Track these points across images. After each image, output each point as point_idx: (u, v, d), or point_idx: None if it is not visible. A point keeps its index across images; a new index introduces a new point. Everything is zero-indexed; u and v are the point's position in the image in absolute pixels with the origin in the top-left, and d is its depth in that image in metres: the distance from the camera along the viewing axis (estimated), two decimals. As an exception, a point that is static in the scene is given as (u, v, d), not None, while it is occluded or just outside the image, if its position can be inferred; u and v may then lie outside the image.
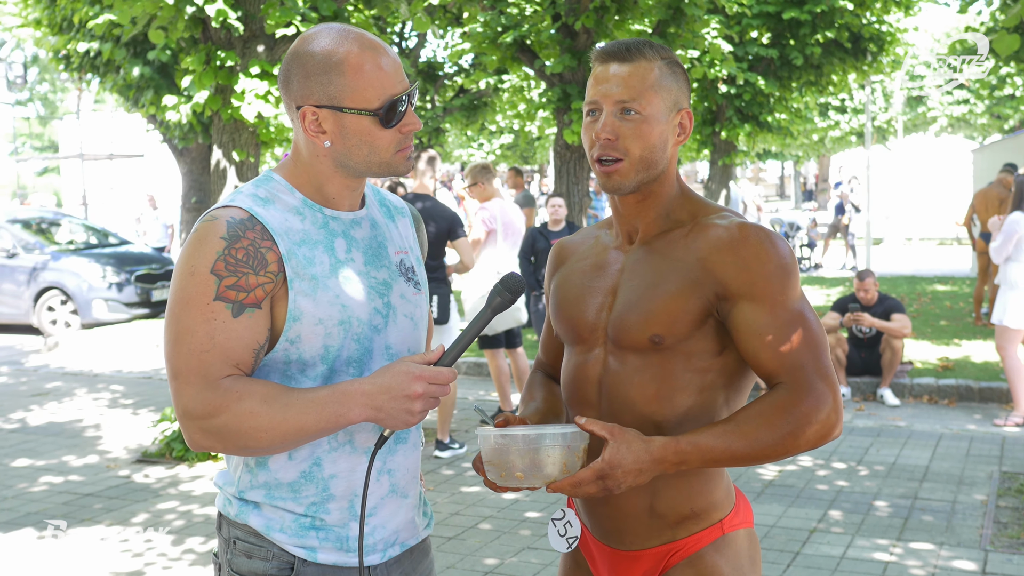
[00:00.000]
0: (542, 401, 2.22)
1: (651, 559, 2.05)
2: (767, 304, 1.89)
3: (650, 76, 1.96)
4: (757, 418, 1.85)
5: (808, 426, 1.85)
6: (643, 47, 1.98)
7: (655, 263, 2.00)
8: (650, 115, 1.95)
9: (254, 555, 1.88)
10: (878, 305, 8.72)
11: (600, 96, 1.97)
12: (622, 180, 1.97)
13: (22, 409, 8.77)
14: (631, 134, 1.95)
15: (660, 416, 1.97)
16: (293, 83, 1.87)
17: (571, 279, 2.14)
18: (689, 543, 2.03)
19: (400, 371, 1.79)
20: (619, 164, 1.96)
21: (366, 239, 1.97)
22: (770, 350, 1.89)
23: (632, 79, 1.95)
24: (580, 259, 2.17)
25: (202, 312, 1.77)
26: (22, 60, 32.49)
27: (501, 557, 4.98)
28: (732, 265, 1.91)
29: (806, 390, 1.85)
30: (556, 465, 1.84)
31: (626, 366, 2.00)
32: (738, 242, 1.92)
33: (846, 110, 33.59)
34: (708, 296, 1.93)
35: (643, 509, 2.02)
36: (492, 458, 1.87)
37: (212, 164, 7.39)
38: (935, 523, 5.35)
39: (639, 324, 1.97)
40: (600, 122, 1.97)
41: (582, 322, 2.08)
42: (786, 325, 1.89)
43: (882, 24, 15.22)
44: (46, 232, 14.93)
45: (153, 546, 5.26)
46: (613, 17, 10.86)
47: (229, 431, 1.76)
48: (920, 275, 17.78)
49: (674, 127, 2.01)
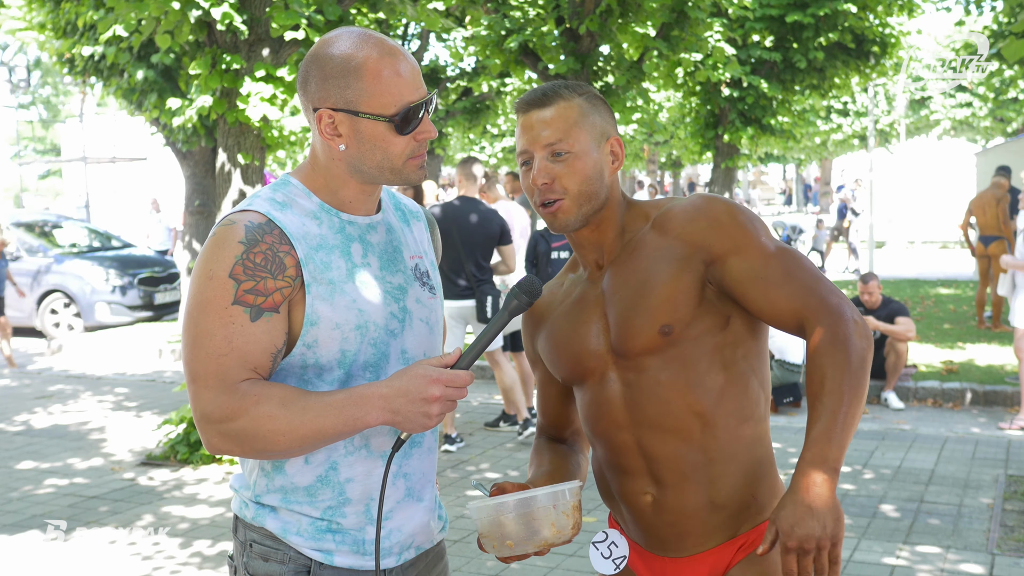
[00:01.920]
0: (549, 463, 2.18)
1: (713, 559, 2.04)
2: (753, 251, 1.97)
3: (571, 114, 2.02)
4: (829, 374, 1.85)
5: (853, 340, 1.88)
6: (559, 88, 2.04)
7: (633, 267, 2.05)
8: (580, 151, 2.01)
9: (270, 558, 1.89)
10: (882, 308, 8.72)
11: (529, 144, 2.03)
12: (566, 217, 2.03)
13: (26, 412, 8.77)
14: (565, 173, 2.00)
15: (698, 404, 1.99)
16: (311, 85, 1.88)
17: (556, 324, 2.16)
18: (752, 537, 2.02)
19: (417, 374, 1.79)
20: (560, 203, 2.02)
21: (382, 244, 1.97)
22: (777, 290, 1.96)
23: (556, 121, 2.01)
24: (557, 304, 2.19)
25: (220, 316, 1.77)
26: (25, 63, 32.53)
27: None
28: (707, 228, 1.99)
29: (826, 312, 1.91)
30: (546, 526, 1.86)
31: (647, 372, 2.01)
32: (704, 209, 2.02)
33: (848, 113, 33.58)
34: (697, 267, 1.99)
35: (703, 504, 2.01)
36: (483, 528, 1.89)
37: (217, 167, 7.39)
38: (941, 527, 5.34)
39: (645, 322, 1.98)
40: (535, 168, 2.02)
41: (584, 354, 2.08)
42: (778, 261, 1.97)
43: (885, 27, 15.22)
44: (49, 235, 14.95)
45: (161, 549, 5.26)
46: (617, 20, 10.87)
47: (247, 435, 1.76)
48: (923, 278, 17.77)
49: (606, 156, 2.06)
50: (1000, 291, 8.84)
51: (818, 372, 1.87)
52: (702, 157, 17.44)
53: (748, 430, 2.03)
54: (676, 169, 41.36)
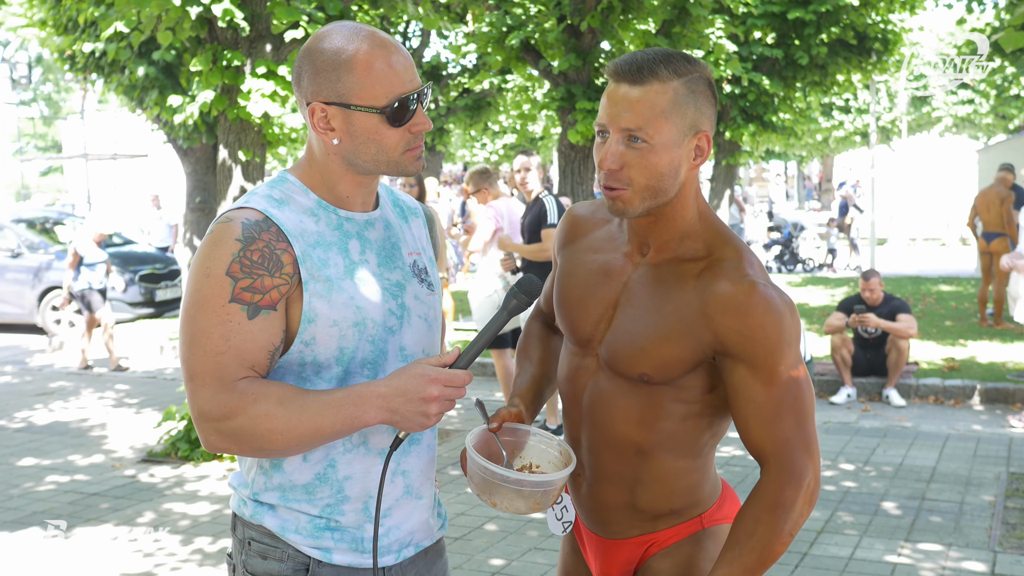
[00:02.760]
0: (537, 363, 2.23)
1: (631, 548, 2.10)
2: (764, 375, 1.88)
3: (662, 101, 1.85)
4: (755, 531, 1.89)
5: (795, 507, 1.90)
6: (658, 66, 1.85)
7: (659, 294, 1.95)
8: (659, 144, 1.86)
9: (269, 556, 1.88)
10: (883, 305, 8.70)
11: (608, 120, 1.89)
12: (626, 207, 1.91)
13: (27, 408, 8.77)
14: (636, 163, 1.86)
15: (640, 439, 2.00)
16: (304, 80, 1.87)
17: (576, 272, 2.10)
18: (667, 535, 2.07)
19: (416, 373, 1.78)
20: (622, 192, 1.89)
21: (380, 240, 1.96)
22: (760, 423, 1.90)
23: (641, 105, 1.84)
24: (589, 249, 2.10)
25: (217, 314, 1.76)
26: (26, 60, 32.53)
27: (508, 558, 4.98)
28: (736, 332, 1.86)
29: (787, 470, 1.89)
30: (529, 503, 1.92)
31: (614, 387, 2.01)
32: (745, 309, 1.86)
33: (850, 110, 33.55)
34: (705, 350, 1.91)
35: (623, 504, 2.06)
36: (474, 476, 1.94)
37: (218, 164, 7.39)
38: (943, 524, 5.34)
39: (629, 359, 1.96)
40: (606, 148, 1.89)
41: (580, 329, 2.07)
42: (779, 398, 1.89)
43: (887, 23, 15.20)
44: (50, 232, 14.94)
45: (162, 546, 5.26)
46: (618, 17, 10.86)
47: (245, 433, 1.76)
48: (925, 275, 17.76)
49: (689, 152, 1.90)
50: (1011, 289, 8.82)
51: (751, 523, 1.89)
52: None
53: (684, 464, 2.03)
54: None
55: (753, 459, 2.04)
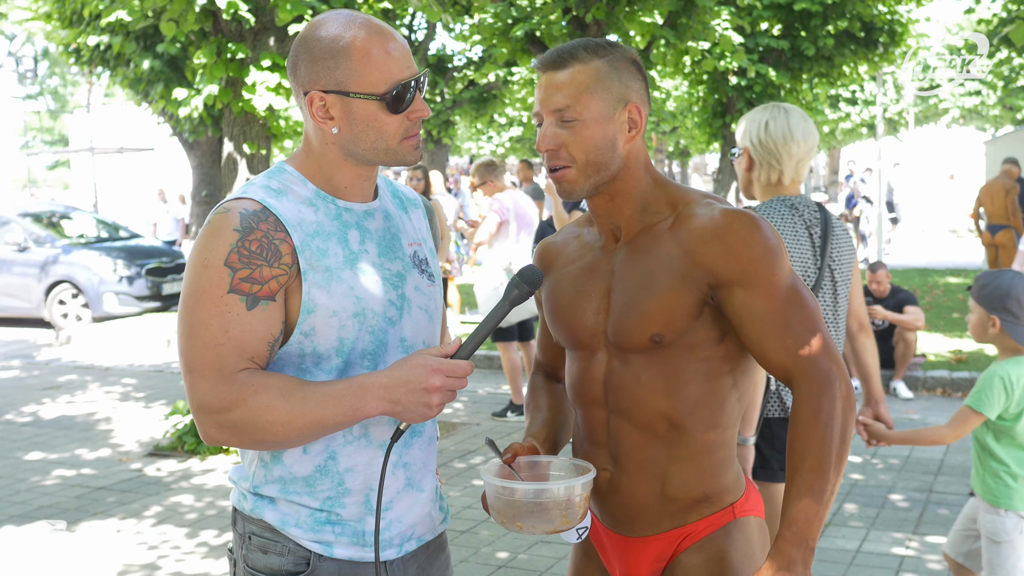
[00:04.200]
0: (547, 409, 2.20)
1: (661, 544, 2.06)
2: (761, 288, 1.90)
3: (586, 79, 1.95)
4: (807, 451, 1.85)
5: (837, 415, 1.86)
6: (577, 50, 1.97)
7: (643, 261, 1.99)
8: (589, 118, 1.94)
9: (270, 550, 1.86)
10: (891, 297, 8.67)
11: (540, 107, 1.99)
12: (572, 186, 1.98)
13: (34, 403, 8.78)
14: (572, 141, 1.95)
15: (670, 410, 1.98)
16: (300, 69, 1.85)
17: (562, 285, 2.13)
18: (700, 527, 2.04)
19: (418, 364, 1.77)
20: (567, 171, 1.97)
21: (379, 230, 1.94)
22: (774, 339, 1.90)
23: (567, 86, 1.95)
24: (567, 262, 2.15)
25: (216, 305, 1.75)
26: (32, 54, 32.57)
27: (514, 551, 4.97)
28: (720, 254, 1.90)
29: (815, 379, 1.87)
30: (556, 517, 1.87)
31: (631, 366, 2.00)
32: (723, 230, 1.91)
33: (857, 102, 33.43)
34: (700, 287, 1.93)
35: (655, 494, 2.03)
36: (494, 504, 1.89)
37: (223, 157, 7.38)
38: (951, 516, 5.31)
39: (638, 326, 1.96)
40: (542, 131, 1.98)
41: (581, 328, 2.07)
42: (783, 306, 1.90)
43: (893, 15, 15.13)
44: (57, 226, 14.96)
45: (167, 539, 5.26)
46: (624, 9, 10.83)
47: (245, 425, 1.74)
48: (932, 267, 17.71)
49: (622, 124, 1.98)
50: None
51: (800, 444, 1.86)
52: (709, 146, 17.38)
53: (714, 436, 2.02)
54: (684, 158, 41.26)
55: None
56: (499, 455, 1.98)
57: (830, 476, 1.84)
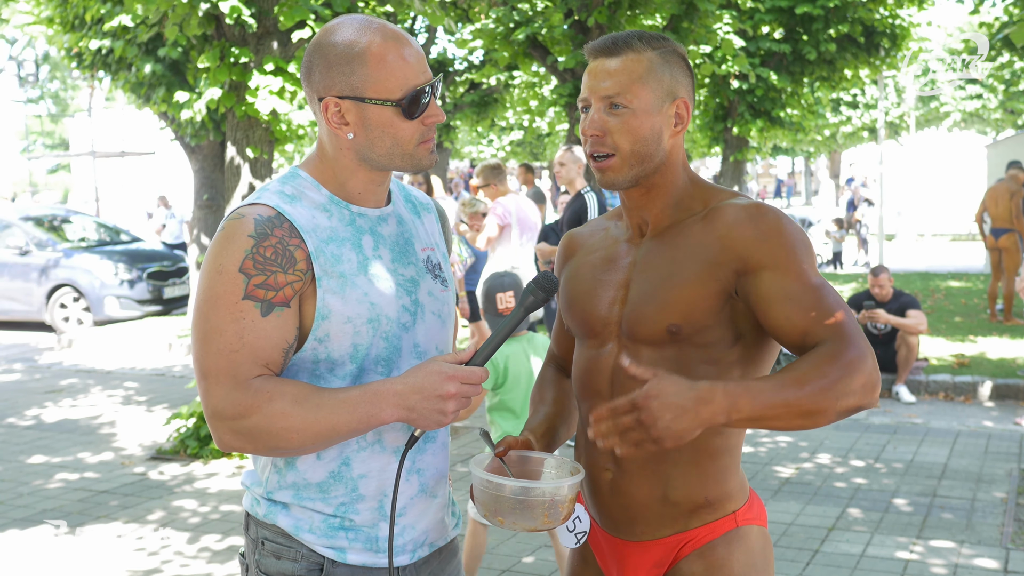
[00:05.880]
0: (551, 403, 2.19)
1: (662, 549, 2.03)
2: (792, 272, 1.85)
3: (638, 68, 1.94)
4: (807, 366, 1.77)
5: (858, 374, 1.76)
6: (632, 39, 1.96)
7: (669, 254, 1.97)
8: (638, 108, 1.93)
9: (283, 556, 1.86)
10: (893, 301, 8.67)
11: (589, 92, 1.97)
12: (615, 175, 1.97)
13: (37, 406, 8.78)
14: (619, 129, 1.94)
15: None
16: (315, 74, 1.85)
17: (581, 273, 2.12)
18: (701, 533, 2.01)
19: (432, 371, 1.76)
20: (611, 160, 1.95)
21: (393, 236, 1.94)
22: (803, 312, 1.82)
23: (619, 73, 1.94)
24: (590, 252, 2.14)
25: (230, 311, 1.74)
26: (34, 58, 32.58)
27: (519, 555, 4.96)
28: (752, 239, 1.88)
29: (848, 342, 1.78)
30: (539, 516, 1.85)
31: (640, 360, 1.97)
32: (756, 217, 1.90)
33: (858, 105, 33.45)
34: (727, 275, 1.90)
35: (656, 498, 2.00)
36: (480, 496, 1.88)
37: (226, 161, 7.38)
38: (955, 521, 5.31)
39: (656, 315, 1.94)
40: (588, 117, 1.97)
41: (594, 316, 2.05)
42: (814, 289, 1.84)
43: (895, 18, 15.14)
44: (58, 229, 14.96)
45: (169, 544, 5.26)
46: (625, 12, 10.84)
47: (260, 432, 1.74)
48: (934, 271, 17.71)
49: (669, 118, 1.97)
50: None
51: (804, 363, 1.77)
52: (711, 150, 17.39)
53: (719, 441, 2.00)
54: (685, 162, 41.29)
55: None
56: (492, 447, 1.97)
57: (803, 404, 1.73)
